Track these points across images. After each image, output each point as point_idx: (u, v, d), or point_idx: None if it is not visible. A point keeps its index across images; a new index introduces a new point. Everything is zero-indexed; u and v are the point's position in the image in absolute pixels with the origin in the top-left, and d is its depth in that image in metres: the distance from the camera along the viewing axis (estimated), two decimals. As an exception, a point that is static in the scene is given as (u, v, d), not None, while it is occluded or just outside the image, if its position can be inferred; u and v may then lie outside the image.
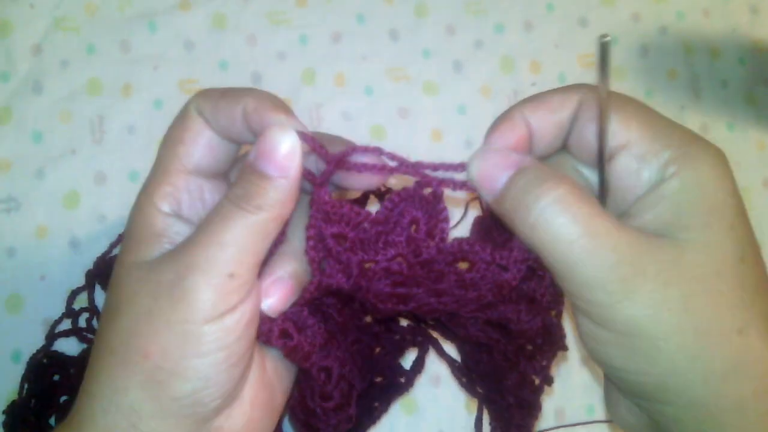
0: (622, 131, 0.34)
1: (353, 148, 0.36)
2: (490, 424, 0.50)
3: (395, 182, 0.48)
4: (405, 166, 0.36)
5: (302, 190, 0.36)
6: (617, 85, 0.65)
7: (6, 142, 0.56)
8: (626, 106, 0.35)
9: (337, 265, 0.36)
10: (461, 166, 0.35)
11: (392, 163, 0.36)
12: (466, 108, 0.63)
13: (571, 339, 0.45)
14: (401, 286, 0.37)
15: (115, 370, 0.33)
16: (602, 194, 0.36)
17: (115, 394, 0.33)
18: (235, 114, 0.36)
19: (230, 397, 0.35)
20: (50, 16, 0.58)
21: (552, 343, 0.41)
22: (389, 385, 0.52)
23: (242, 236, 0.33)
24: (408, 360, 0.53)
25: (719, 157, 0.34)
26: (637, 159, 0.34)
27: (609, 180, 0.35)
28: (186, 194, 0.36)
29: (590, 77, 0.65)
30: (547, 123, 0.36)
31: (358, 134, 0.60)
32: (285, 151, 0.35)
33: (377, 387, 0.51)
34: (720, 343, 0.31)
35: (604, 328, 0.32)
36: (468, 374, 0.51)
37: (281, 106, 0.36)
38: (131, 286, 0.34)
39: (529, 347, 0.41)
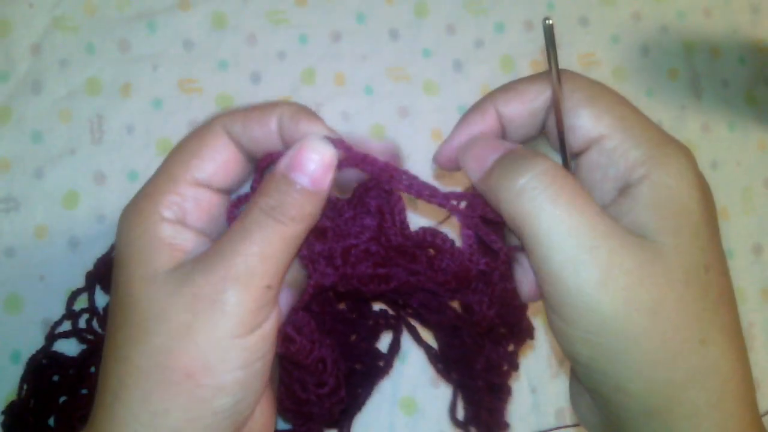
0: (594, 125, 0.33)
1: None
2: (464, 408, 0.50)
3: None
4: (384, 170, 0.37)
5: None
6: (618, 85, 0.66)
7: (5, 142, 0.55)
8: (601, 98, 0.34)
9: (324, 261, 0.37)
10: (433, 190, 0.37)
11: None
12: (467, 108, 0.62)
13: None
14: (381, 267, 0.38)
15: (153, 393, 0.31)
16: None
17: (155, 418, 0.32)
18: (270, 124, 0.35)
19: (258, 401, 0.35)
20: (49, 16, 0.58)
21: (516, 331, 0.42)
22: (369, 370, 0.52)
23: (280, 249, 0.33)
24: (384, 344, 0.54)
25: (689, 161, 0.33)
26: (606, 155, 0.33)
27: (579, 172, 0.35)
28: (193, 204, 0.35)
29: (590, 77, 0.65)
30: (520, 113, 0.36)
31: (358, 134, 0.60)
32: (322, 163, 0.34)
33: (358, 373, 0.52)
34: (684, 352, 0.31)
35: (572, 326, 0.32)
36: (444, 360, 0.51)
37: (316, 116, 0.36)
38: (159, 301, 0.32)
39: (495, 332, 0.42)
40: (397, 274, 0.38)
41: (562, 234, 0.31)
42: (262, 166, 0.37)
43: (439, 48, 0.63)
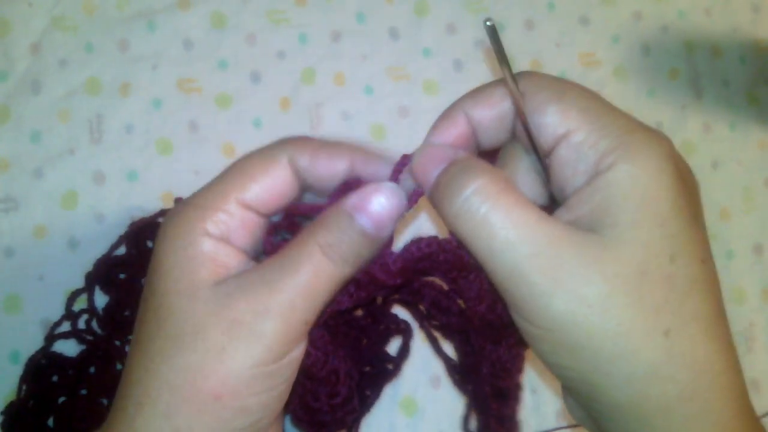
0: (561, 120, 0.33)
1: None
2: (477, 420, 0.50)
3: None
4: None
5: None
6: (618, 84, 0.65)
7: (4, 142, 0.55)
8: (566, 94, 0.33)
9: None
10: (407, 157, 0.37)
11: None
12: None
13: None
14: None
15: (179, 409, 0.32)
16: (546, 184, 0.36)
17: None
18: (339, 166, 0.36)
19: (276, 417, 0.36)
20: (48, 15, 0.58)
21: (513, 330, 0.42)
22: (378, 372, 0.52)
23: (324, 288, 0.33)
24: (394, 346, 0.54)
25: (661, 147, 0.32)
26: (575, 149, 0.33)
27: (551, 170, 0.34)
28: (239, 223, 0.35)
29: (591, 77, 0.65)
30: (488, 117, 0.36)
31: (358, 134, 0.60)
32: (390, 211, 0.34)
33: (367, 376, 0.52)
34: (643, 344, 0.30)
35: (530, 324, 0.32)
36: (461, 372, 0.51)
37: (387, 160, 0.36)
38: (197, 318, 0.32)
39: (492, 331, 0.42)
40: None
41: (502, 248, 0.31)
42: (339, 191, 0.37)
43: (439, 48, 0.63)
